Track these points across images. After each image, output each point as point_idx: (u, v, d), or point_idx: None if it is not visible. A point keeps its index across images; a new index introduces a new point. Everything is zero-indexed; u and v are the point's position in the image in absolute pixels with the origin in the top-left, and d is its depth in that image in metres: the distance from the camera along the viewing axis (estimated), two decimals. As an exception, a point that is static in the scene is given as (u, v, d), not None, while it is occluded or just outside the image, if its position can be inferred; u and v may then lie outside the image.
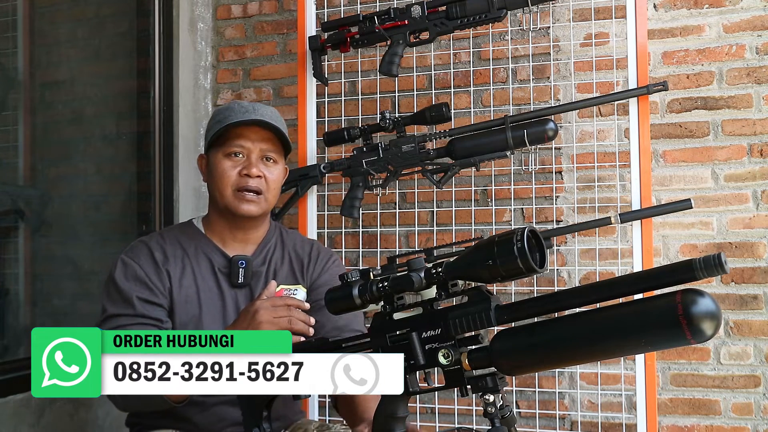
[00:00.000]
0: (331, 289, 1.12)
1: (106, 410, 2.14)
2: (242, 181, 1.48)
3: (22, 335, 2.15)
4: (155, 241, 1.52)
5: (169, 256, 1.49)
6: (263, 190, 1.50)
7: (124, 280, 1.43)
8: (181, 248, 1.52)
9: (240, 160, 1.50)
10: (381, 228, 2.43)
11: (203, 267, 1.51)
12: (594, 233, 2.27)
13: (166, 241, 1.52)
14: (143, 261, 1.47)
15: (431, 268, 1.00)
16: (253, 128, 1.49)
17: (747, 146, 2.22)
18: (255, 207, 1.50)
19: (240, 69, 2.78)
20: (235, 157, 1.50)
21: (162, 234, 1.56)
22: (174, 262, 1.49)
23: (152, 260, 1.47)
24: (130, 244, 1.53)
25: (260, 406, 1.26)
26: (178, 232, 1.57)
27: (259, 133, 1.50)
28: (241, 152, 1.50)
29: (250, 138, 1.50)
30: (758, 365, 2.18)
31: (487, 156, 1.91)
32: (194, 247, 1.53)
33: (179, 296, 1.46)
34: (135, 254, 1.48)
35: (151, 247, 1.50)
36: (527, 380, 2.28)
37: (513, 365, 0.94)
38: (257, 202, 1.50)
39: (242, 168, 1.49)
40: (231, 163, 1.49)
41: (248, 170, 1.48)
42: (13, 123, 2.21)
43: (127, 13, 2.65)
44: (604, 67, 2.32)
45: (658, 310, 0.80)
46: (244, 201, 1.49)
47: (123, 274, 1.44)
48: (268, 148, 1.52)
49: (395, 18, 2.00)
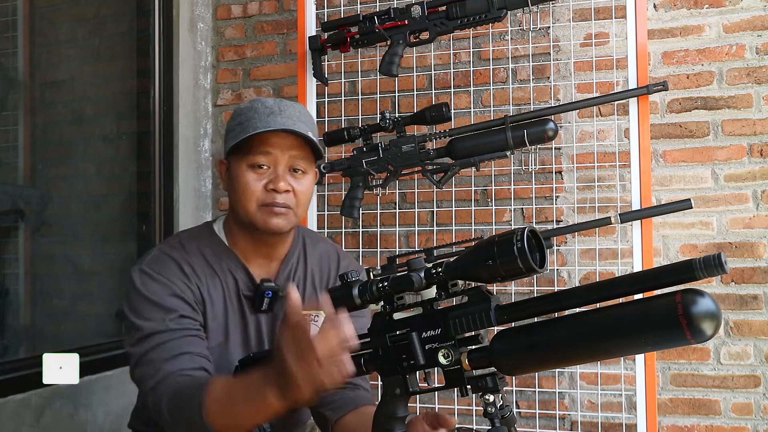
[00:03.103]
0: (331, 289, 1.11)
1: (106, 410, 2.14)
2: (268, 196, 1.30)
3: (22, 335, 2.15)
4: (177, 252, 1.34)
5: (197, 272, 1.33)
6: (292, 205, 1.32)
7: (157, 294, 1.28)
8: (206, 262, 1.35)
9: (265, 172, 1.31)
10: (381, 228, 2.43)
11: (231, 288, 1.36)
12: (594, 233, 2.27)
13: (188, 252, 1.35)
14: (172, 274, 1.31)
15: (431, 268, 1.00)
16: (280, 133, 1.30)
17: (747, 146, 2.22)
18: (283, 221, 1.32)
19: (240, 69, 2.78)
20: (259, 169, 1.31)
21: (182, 243, 1.37)
22: (203, 277, 1.34)
23: (182, 273, 1.32)
24: (149, 256, 1.35)
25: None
26: (200, 242, 1.38)
27: (287, 138, 1.31)
28: (266, 163, 1.31)
29: (276, 145, 1.30)
30: (758, 365, 2.18)
31: (487, 156, 1.91)
32: (218, 262, 1.36)
33: (211, 314, 1.33)
34: (161, 267, 1.31)
35: (176, 259, 1.33)
36: (527, 380, 2.28)
37: (513, 365, 0.94)
38: (285, 215, 1.32)
39: (268, 181, 1.31)
40: (255, 176, 1.31)
41: (275, 184, 1.30)
42: (13, 123, 2.21)
43: (127, 13, 2.65)
44: (604, 67, 2.32)
45: (658, 310, 0.80)
46: (271, 215, 1.31)
47: (153, 288, 1.28)
48: (298, 156, 1.32)
49: (395, 18, 2.00)
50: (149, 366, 1.22)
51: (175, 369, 1.21)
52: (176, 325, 1.26)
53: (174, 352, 1.22)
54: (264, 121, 1.29)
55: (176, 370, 1.21)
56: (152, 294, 1.28)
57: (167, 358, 1.21)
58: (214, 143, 2.81)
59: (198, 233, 1.41)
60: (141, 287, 1.29)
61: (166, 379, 1.19)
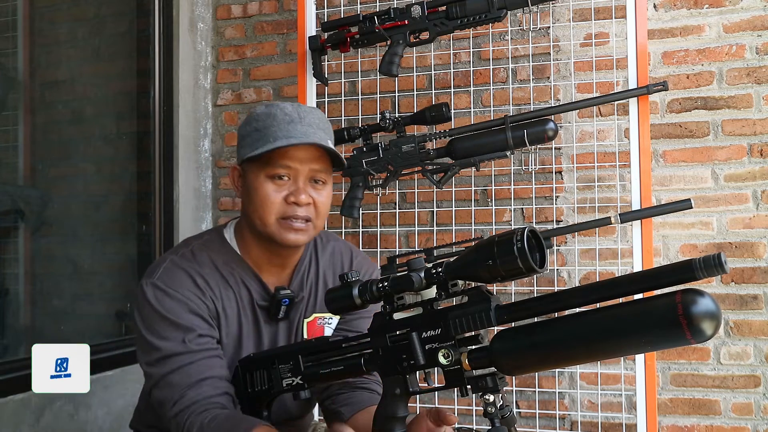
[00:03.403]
0: (331, 289, 1.11)
1: (106, 410, 2.14)
2: (289, 209, 1.25)
3: (22, 335, 2.15)
4: (189, 263, 1.30)
5: (211, 284, 1.29)
6: (312, 217, 1.28)
7: (174, 312, 1.24)
8: (219, 273, 1.31)
9: (285, 183, 1.26)
10: (381, 228, 2.43)
11: (245, 299, 1.33)
12: (594, 233, 2.27)
13: (200, 263, 1.30)
14: (186, 289, 1.26)
15: (431, 268, 1.00)
16: (302, 146, 1.25)
17: (747, 146, 2.22)
18: (303, 236, 1.28)
19: (240, 69, 2.78)
20: (279, 180, 1.26)
21: (194, 253, 1.32)
22: (216, 291, 1.29)
23: (196, 286, 1.27)
24: (160, 269, 1.29)
25: (261, 405, 1.26)
26: (211, 252, 1.33)
27: (309, 150, 1.26)
28: (287, 174, 1.26)
29: (297, 157, 1.25)
30: (758, 365, 2.18)
31: (487, 156, 1.91)
32: (231, 272, 1.32)
33: (225, 328, 1.31)
34: (174, 281, 1.26)
35: (188, 271, 1.28)
36: (527, 380, 2.28)
37: (513, 365, 0.94)
38: (305, 230, 1.27)
39: (289, 193, 1.25)
40: (275, 187, 1.26)
41: (296, 197, 1.25)
42: (13, 123, 2.21)
43: (127, 13, 2.65)
44: (604, 67, 2.32)
45: (658, 310, 0.80)
46: (291, 230, 1.26)
47: (170, 305, 1.24)
48: (319, 169, 1.27)
49: (395, 18, 2.00)
50: (170, 390, 1.21)
51: (200, 397, 1.19)
52: (196, 345, 1.23)
53: (196, 378, 1.21)
54: (284, 130, 1.24)
55: (201, 399, 1.19)
56: (169, 312, 1.24)
57: (190, 384, 1.20)
58: (214, 143, 2.81)
59: (209, 242, 1.36)
60: (156, 304, 1.24)
61: (191, 408, 1.19)
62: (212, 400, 1.20)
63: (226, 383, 1.24)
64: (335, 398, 1.36)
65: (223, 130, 2.80)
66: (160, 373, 1.22)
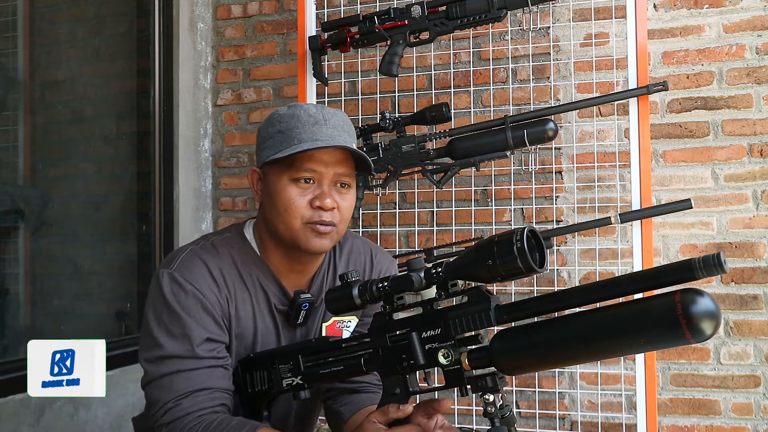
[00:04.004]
0: (331, 289, 1.11)
1: (106, 410, 2.14)
2: (314, 214, 1.21)
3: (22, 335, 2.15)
4: (209, 254, 1.26)
5: (227, 281, 1.26)
6: (337, 221, 1.23)
7: (186, 308, 1.20)
8: (238, 272, 1.27)
9: (310, 187, 1.22)
10: (381, 228, 2.43)
11: (262, 303, 1.29)
12: (594, 233, 2.28)
13: (221, 257, 1.27)
14: (202, 282, 1.22)
15: (431, 268, 1.00)
16: (328, 149, 1.22)
17: (747, 146, 2.22)
18: (327, 241, 1.24)
19: (240, 69, 2.78)
20: (304, 183, 1.22)
21: (215, 246, 1.28)
22: (232, 290, 1.26)
23: (213, 281, 1.24)
24: (179, 256, 1.26)
25: (261, 405, 1.26)
26: (232, 249, 1.29)
27: (335, 153, 1.22)
28: (312, 177, 1.22)
29: (323, 161, 1.21)
30: (758, 365, 2.18)
31: (487, 156, 1.91)
32: (250, 275, 1.28)
33: (237, 329, 1.27)
34: (192, 274, 1.23)
35: (207, 263, 1.25)
36: (527, 380, 2.28)
37: (513, 365, 0.94)
38: (329, 235, 1.24)
39: (314, 197, 1.22)
40: (299, 191, 1.21)
41: (321, 201, 1.21)
42: (13, 123, 2.21)
43: (127, 13, 2.66)
44: (604, 67, 2.32)
45: (657, 310, 0.80)
46: (315, 235, 1.22)
47: (184, 300, 1.20)
48: (344, 173, 1.24)
49: (395, 18, 2.00)
50: (165, 392, 1.18)
51: (195, 408, 1.17)
52: (201, 351, 1.19)
53: (194, 387, 1.18)
54: (309, 132, 1.21)
55: (196, 410, 1.17)
56: (182, 308, 1.20)
57: (187, 392, 1.17)
58: (214, 143, 2.81)
59: (231, 239, 1.32)
60: (170, 297, 1.20)
61: (183, 420, 1.16)
62: (206, 411, 1.17)
63: (226, 395, 1.21)
64: (336, 398, 1.36)
65: (223, 130, 2.80)
66: (157, 372, 1.20)
